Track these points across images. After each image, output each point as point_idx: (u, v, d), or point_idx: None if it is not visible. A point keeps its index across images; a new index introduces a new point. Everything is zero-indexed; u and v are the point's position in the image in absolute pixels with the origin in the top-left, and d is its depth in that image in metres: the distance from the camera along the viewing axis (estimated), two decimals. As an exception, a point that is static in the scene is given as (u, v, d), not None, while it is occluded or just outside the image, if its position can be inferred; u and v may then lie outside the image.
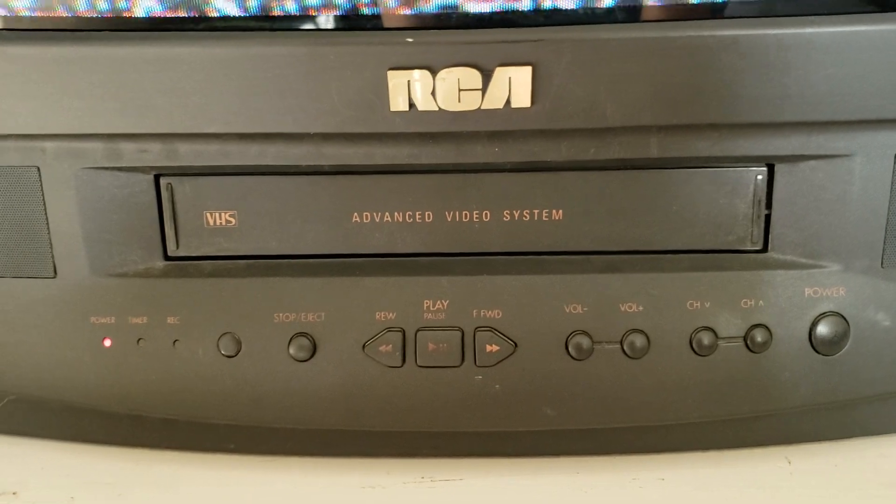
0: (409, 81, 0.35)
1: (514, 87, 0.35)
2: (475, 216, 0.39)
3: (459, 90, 0.35)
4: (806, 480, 0.39)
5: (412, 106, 0.36)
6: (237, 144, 0.38)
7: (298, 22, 0.36)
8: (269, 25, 0.36)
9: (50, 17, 0.37)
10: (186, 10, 0.36)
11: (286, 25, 0.36)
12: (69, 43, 0.36)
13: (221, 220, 0.40)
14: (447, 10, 0.36)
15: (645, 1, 0.35)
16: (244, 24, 0.36)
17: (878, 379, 0.39)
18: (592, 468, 0.40)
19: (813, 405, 0.39)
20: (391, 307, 0.39)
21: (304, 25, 0.36)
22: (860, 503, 0.37)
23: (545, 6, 0.35)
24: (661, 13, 0.36)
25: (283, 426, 0.40)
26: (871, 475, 0.39)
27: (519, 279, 0.39)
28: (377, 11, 0.36)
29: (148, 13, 0.36)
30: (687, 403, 0.39)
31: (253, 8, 0.36)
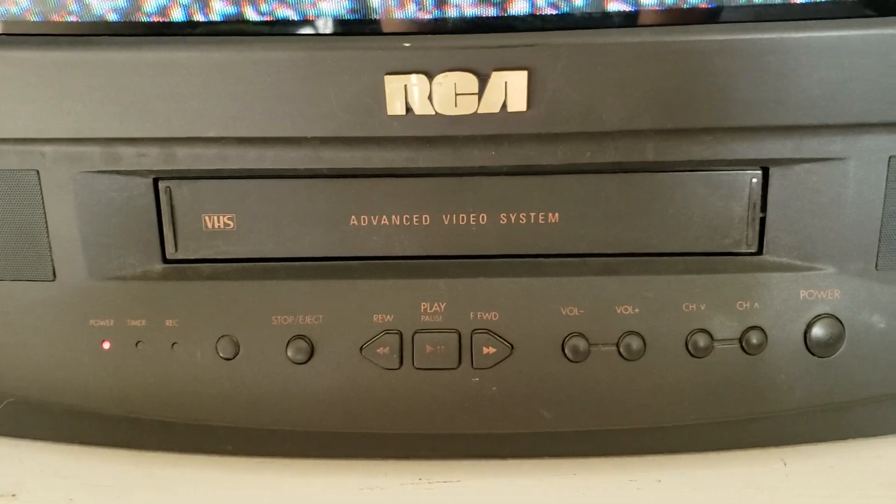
0: (406, 86, 0.35)
1: (510, 91, 0.35)
2: (472, 219, 0.39)
3: (456, 94, 0.35)
4: (802, 482, 0.39)
5: (409, 110, 0.36)
6: (235, 148, 0.38)
7: (296, 27, 0.36)
8: (267, 30, 0.36)
9: (49, 21, 0.37)
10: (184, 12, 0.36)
11: (284, 30, 0.36)
12: (68, 47, 0.36)
13: (220, 223, 0.40)
14: (444, 15, 0.36)
15: (640, 5, 0.36)
16: (242, 28, 0.37)
17: (873, 381, 0.39)
18: (589, 470, 0.40)
19: (808, 407, 0.40)
20: (388, 310, 0.39)
21: (301, 30, 0.37)
22: (856, 504, 0.38)
23: (541, 11, 0.36)
24: (656, 18, 0.36)
25: (281, 428, 0.40)
26: (867, 476, 0.39)
27: (515, 282, 0.39)
28: (374, 16, 0.36)
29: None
30: (683, 405, 0.39)
31: (252, 12, 0.36)
